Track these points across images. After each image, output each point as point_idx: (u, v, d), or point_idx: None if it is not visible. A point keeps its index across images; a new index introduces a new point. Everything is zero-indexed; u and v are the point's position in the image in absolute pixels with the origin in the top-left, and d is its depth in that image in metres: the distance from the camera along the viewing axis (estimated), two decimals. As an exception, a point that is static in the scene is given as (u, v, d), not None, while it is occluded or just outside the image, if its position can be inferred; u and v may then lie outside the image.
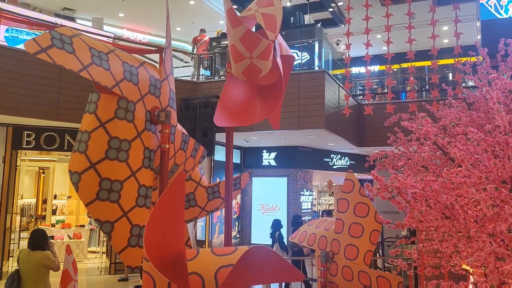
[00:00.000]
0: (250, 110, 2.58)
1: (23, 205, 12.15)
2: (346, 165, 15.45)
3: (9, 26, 9.29)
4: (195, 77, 11.53)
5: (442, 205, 2.48)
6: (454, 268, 2.54)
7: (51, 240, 8.90)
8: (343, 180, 2.84)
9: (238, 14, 2.42)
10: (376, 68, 17.52)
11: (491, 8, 12.12)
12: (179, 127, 2.56)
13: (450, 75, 14.36)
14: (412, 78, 8.48)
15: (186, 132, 2.66)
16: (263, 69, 2.41)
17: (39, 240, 5.12)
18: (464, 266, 2.87)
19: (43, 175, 13.52)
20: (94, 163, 1.88)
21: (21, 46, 9.02)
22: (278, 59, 2.44)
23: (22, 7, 11.54)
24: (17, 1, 12.25)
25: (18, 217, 10.52)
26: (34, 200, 13.15)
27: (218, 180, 12.48)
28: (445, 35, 14.51)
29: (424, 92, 13.64)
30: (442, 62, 14.43)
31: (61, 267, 5.04)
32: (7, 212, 9.07)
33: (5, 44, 9.05)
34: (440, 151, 4.06)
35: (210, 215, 7.78)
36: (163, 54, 2.38)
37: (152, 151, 2.12)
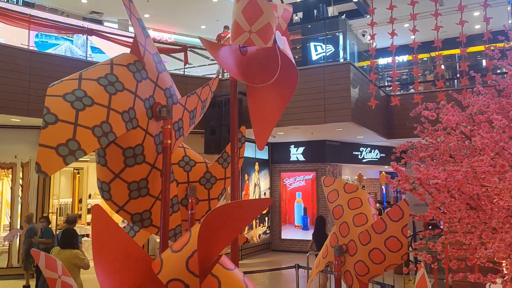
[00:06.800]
0: (277, 104, 2.76)
1: (60, 205, 12.55)
2: (377, 158, 15.20)
3: (39, 32, 9.59)
4: (220, 74, 11.58)
5: (466, 195, 2.38)
6: (480, 261, 2.45)
7: (85, 238, 9.12)
8: (374, 173, 2.78)
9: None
10: (405, 58, 17.10)
11: (525, -10, 11.60)
12: None
13: (484, 61, 13.85)
14: (440, 67, 8.21)
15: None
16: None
17: (70, 239, 5.29)
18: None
19: (78, 175, 13.93)
20: (89, 82, 1.94)
21: (50, 51, 9.28)
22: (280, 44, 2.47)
23: (51, 12, 11.89)
24: (46, 7, 12.62)
25: (54, 217, 10.87)
26: (70, 200, 13.57)
27: (246, 177, 12.50)
28: (476, 20, 14.01)
29: (455, 80, 13.22)
30: (474, 49, 13.94)
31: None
32: (43, 211, 9.40)
33: (35, 49, 9.36)
34: (468, 141, 3.91)
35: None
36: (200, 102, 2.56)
37: (135, 119, 2.03)
